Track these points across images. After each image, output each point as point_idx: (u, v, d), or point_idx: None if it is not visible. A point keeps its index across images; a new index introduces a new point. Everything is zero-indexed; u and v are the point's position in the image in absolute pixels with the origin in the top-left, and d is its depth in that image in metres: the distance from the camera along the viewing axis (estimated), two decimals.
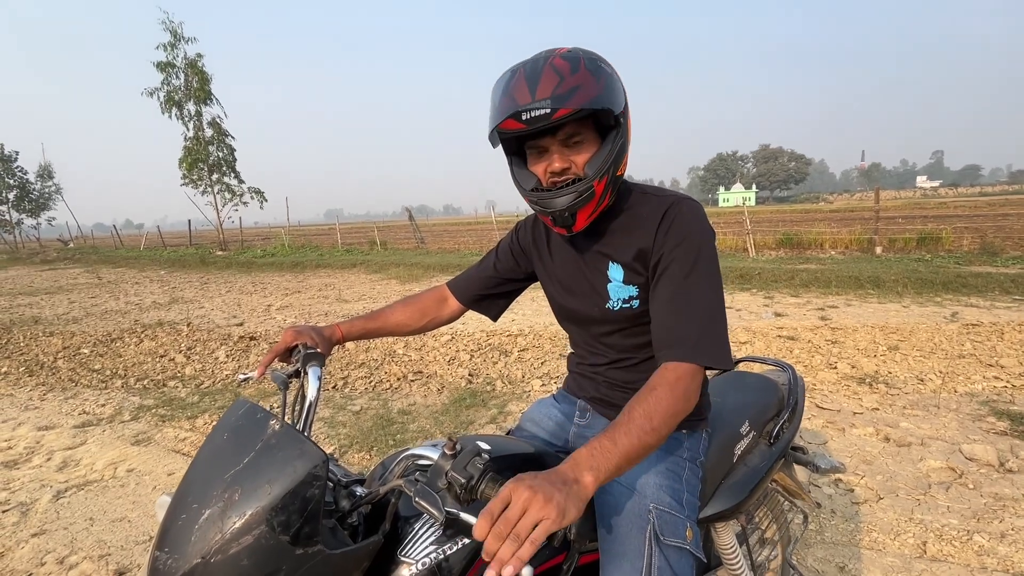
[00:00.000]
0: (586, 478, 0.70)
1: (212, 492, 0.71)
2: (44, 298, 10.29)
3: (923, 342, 4.63)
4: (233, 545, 0.67)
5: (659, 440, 0.79)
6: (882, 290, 7.07)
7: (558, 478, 0.68)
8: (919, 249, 10.76)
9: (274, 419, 0.78)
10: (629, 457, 0.75)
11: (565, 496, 0.65)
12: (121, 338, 6.20)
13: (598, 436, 0.76)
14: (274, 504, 0.69)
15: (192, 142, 21.48)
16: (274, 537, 0.67)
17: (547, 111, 0.87)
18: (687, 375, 0.87)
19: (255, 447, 0.75)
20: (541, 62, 0.91)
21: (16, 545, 2.31)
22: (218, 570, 0.66)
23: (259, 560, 0.67)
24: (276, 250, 18.53)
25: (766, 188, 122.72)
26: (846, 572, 1.93)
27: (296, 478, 0.71)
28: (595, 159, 0.96)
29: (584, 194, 0.95)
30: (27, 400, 4.26)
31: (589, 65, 0.90)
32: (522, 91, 0.89)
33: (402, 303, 1.32)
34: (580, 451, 0.73)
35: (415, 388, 4.10)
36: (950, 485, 2.46)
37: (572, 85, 0.88)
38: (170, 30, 20.44)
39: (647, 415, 0.79)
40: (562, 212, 0.97)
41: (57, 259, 21.67)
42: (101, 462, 3.08)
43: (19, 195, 36.62)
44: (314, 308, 7.89)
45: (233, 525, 0.68)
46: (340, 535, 0.76)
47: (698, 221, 0.98)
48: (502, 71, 0.96)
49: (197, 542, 0.67)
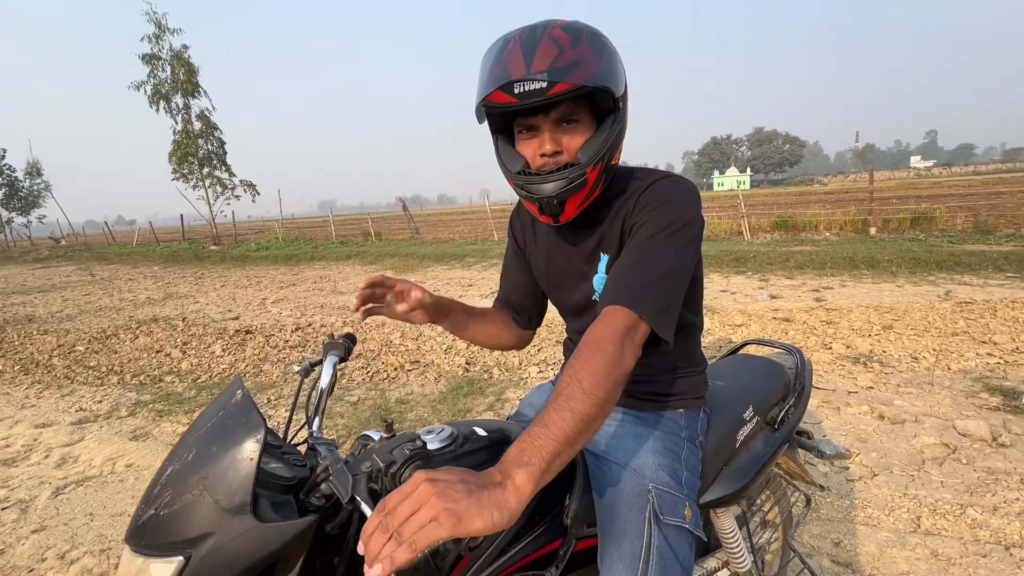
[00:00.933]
0: (518, 477, 0.61)
1: (179, 452, 0.76)
2: (37, 296, 10.22)
3: (917, 321, 4.66)
4: (177, 501, 0.70)
5: (599, 406, 0.68)
6: (876, 270, 7.09)
7: (478, 480, 0.60)
8: (913, 229, 10.79)
9: (240, 390, 0.81)
10: (568, 438, 0.65)
11: (473, 501, 0.56)
12: (116, 335, 6.17)
13: (530, 424, 0.67)
14: (213, 467, 0.71)
15: (181, 136, 21.22)
16: (209, 499, 0.69)
17: (543, 85, 0.79)
18: (620, 326, 0.77)
19: (218, 415, 0.78)
20: (539, 31, 0.82)
21: (16, 542, 2.31)
22: (163, 523, 0.69)
23: (194, 519, 0.69)
24: (270, 243, 18.42)
25: (761, 171, 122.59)
26: (841, 547, 1.96)
27: (233, 444, 0.72)
28: (590, 144, 0.88)
29: (575, 181, 0.88)
30: (23, 398, 4.25)
31: (592, 39, 0.83)
32: (516, 61, 0.81)
33: (493, 314, 1.24)
34: (511, 448, 0.65)
35: (412, 377, 4.10)
36: (944, 460, 2.49)
37: (572, 59, 0.80)
38: (154, 21, 20.08)
39: (575, 380, 0.69)
40: (550, 199, 0.90)
41: (49, 257, 21.48)
42: (99, 458, 3.07)
43: (8, 193, 36.21)
44: (309, 300, 7.86)
45: (181, 483, 0.71)
46: (286, 511, 0.73)
47: (682, 195, 0.91)
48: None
49: (157, 495, 0.72)
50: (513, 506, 0.59)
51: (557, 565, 0.95)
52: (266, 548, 0.68)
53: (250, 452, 0.71)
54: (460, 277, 9.34)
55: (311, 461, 0.86)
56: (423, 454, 0.72)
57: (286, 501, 0.75)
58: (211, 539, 0.67)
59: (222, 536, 0.67)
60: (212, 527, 0.68)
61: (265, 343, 5.31)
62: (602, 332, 0.77)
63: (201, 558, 0.67)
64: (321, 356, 1.07)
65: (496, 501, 0.58)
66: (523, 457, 0.63)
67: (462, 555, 0.81)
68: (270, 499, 0.73)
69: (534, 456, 0.63)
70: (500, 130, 0.97)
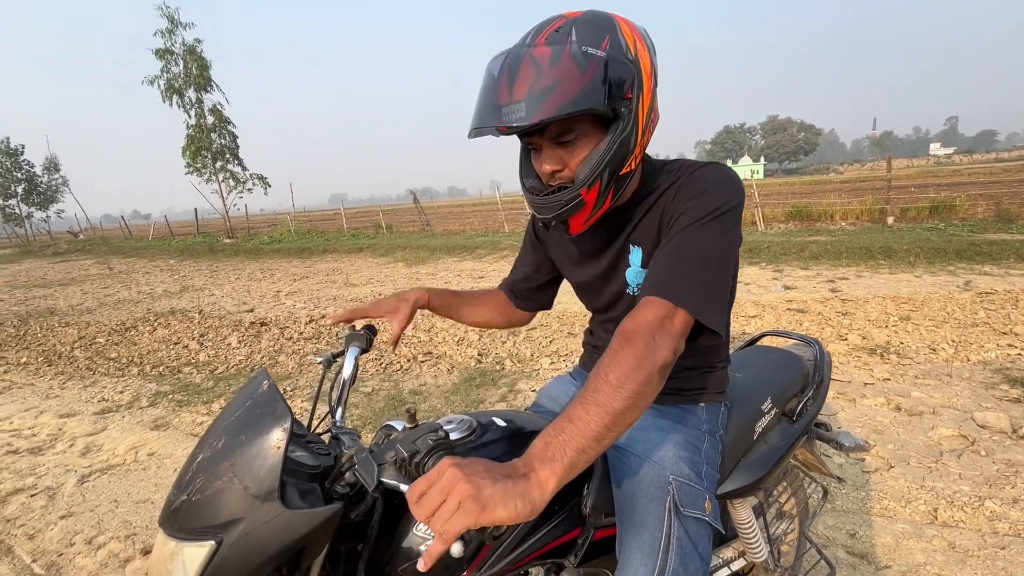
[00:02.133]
0: (541, 472, 0.61)
1: (209, 440, 0.79)
2: (58, 290, 10.44)
3: (935, 311, 4.58)
4: (208, 488, 0.72)
5: (630, 400, 0.66)
6: (894, 260, 6.97)
7: (504, 470, 0.60)
8: (932, 218, 10.59)
9: (267, 381, 0.83)
10: (595, 433, 0.63)
11: (498, 490, 0.57)
12: (135, 327, 6.29)
13: (556, 418, 0.66)
14: (242, 455, 0.73)
15: (194, 130, 21.43)
16: (239, 486, 0.71)
17: (522, 114, 0.76)
18: (653, 316, 0.74)
19: (245, 404, 0.81)
20: (523, 51, 0.78)
21: (46, 527, 2.38)
22: (195, 508, 0.72)
23: (225, 505, 0.71)
24: (283, 236, 18.59)
25: (775, 160, 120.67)
26: (856, 539, 1.95)
27: (262, 433, 0.74)
28: (585, 163, 0.83)
29: (569, 204, 0.85)
30: (47, 389, 4.36)
31: (574, 51, 0.76)
32: (502, 87, 0.78)
33: (488, 299, 1.31)
34: (536, 441, 0.64)
35: (425, 369, 4.13)
36: (962, 452, 2.46)
37: (547, 84, 0.75)
38: (167, 16, 20.21)
39: (602, 374, 0.68)
40: (549, 220, 0.89)
41: (68, 251, 21.90)
42: (122, 447, 3.15)
43: (27, 188, 36.86)
44: (322, 293, 7.94)
45: (212, 470, 0.74)
46: (312, 499, 0.75)
47: (722, 180, 0.87)
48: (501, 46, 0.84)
49: (189, 481, 0.75)
50: (536, 499, 0.59)
51: (576, 554, 0.96)
52: (294, 534, 0.70)
53: (277, 441, 0.73)
54: (471, 269, 9.37)
55: (335, 450, 0.87)
56: (446, 444, 0.73)
57: (312, 489, 0.77)
58: (241, 524, 0.70)
59: (251, 522, 0.70)
60: (242, 513, 0.70)
61: (280, 335, 5.38)
62: (632, 324, 0.75)
63: (232, 542, 0.69)
64: (343, 348, 1.09)
65: (520, 492, 0.58)
66: (547, 452, 0.62)
67: (484, 543, 0.82)
68: (297, 487, 0.75)
69: (557, 451, 0.62)
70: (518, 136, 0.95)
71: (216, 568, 0.69)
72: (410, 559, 0.81)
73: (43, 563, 2.14)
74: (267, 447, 0.73)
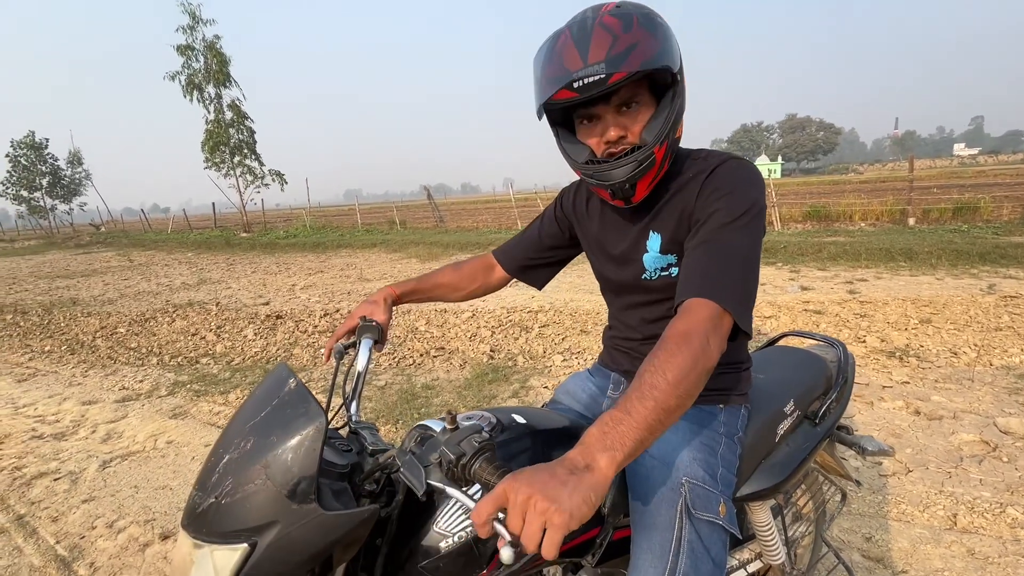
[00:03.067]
0: (600, 461, 0.61)
1: (234, 440, 0.76)
2: (80, 280, 10.69)
3: (957, 315, 4.49)
4: (240, 490, 0.71)
5: (682, 398, 0.68)
6: (915, 262, 6.84)
7: (564, 468, 0.60)
8: (955, 219, 10.34)
9: (293, 379, 0.81)
10: (650, 426, 0.65)
11: (572, 491, 0.57)
12: (154, 318, 6.42)
13: (610, 410, 0.67)
14: (276, 457, 0.71)
15: (213, 125, 21.73)
16: (273, 488, 0.70)
17: (602, 76, 0.80)
18: (705, 318, 0.77)
19: (272, 403, 0.79)
20: (590, 21, 0.83)
21: (69, 510, 2.45)
22: (225, 511, 0.70)
23: (258, 507, 0.70)
24: (298, 231, 18.79)
25: (793, 160, 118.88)
26: (873, 543, 1.92)
27: (295, 434, 0.73)
28: (653, 124, 0.89)
29: (644, 163, 0.89)
30: (71, 376, 4.47)
31: (643, 20, 0.82)
32: (572, 56, 0.81)
33: (451, 267, 1.36)
34: (591, 430, 0.65)
35: (438, 364, 4.16)
36: (983, 458, 2.41)
37: (628, 44, 0.80)
38: (188, 12, 20.51)
39: (660, 371, 0.69)
40: (622, 184, 0.91)
41: (90, 243, 22.39)
42: (142, 434, 3.22)
43: (51, 182, 37.74)
44: (337, 287, 8.01)
45: (242, 471, 0.72)
46: (345, 499, 0.75)
47: (751, 179, 0.91)
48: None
49: (216, 483, 0.72)
50: (601, 488, 0.60)
51: (594, 553, 0.95)
52: (330, 536, 0.69)
53: (313, 442, 0.71)
54: None
55: (355, 445, 0.87)
56: (490, 446, 0.72)
57: (343, 488, 0.76)
58: (276, 527, 0.68)
59: (287, 524, 0.68)
60: (277, 516, 0.69)
61: (295, 328, 5.45)
62: (687, 326, 0.76)
63: (267, 545, 0.68)
64: (356, 340, 1.08)
65: (590, 484, 0.59)
66: (606, 440, 0.63)
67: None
68: (330, 487, 0.74)
69: (616, 441, 0.63)
70: (558, 122, 0.98)
71: (250, 571, 0.68)
72: (430, 556, 0.80)
73: (66, 545, 2.20)
74: (302, 449, 0.71)
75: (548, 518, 0.55)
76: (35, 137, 36.66)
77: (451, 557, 0.80)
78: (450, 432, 0.75)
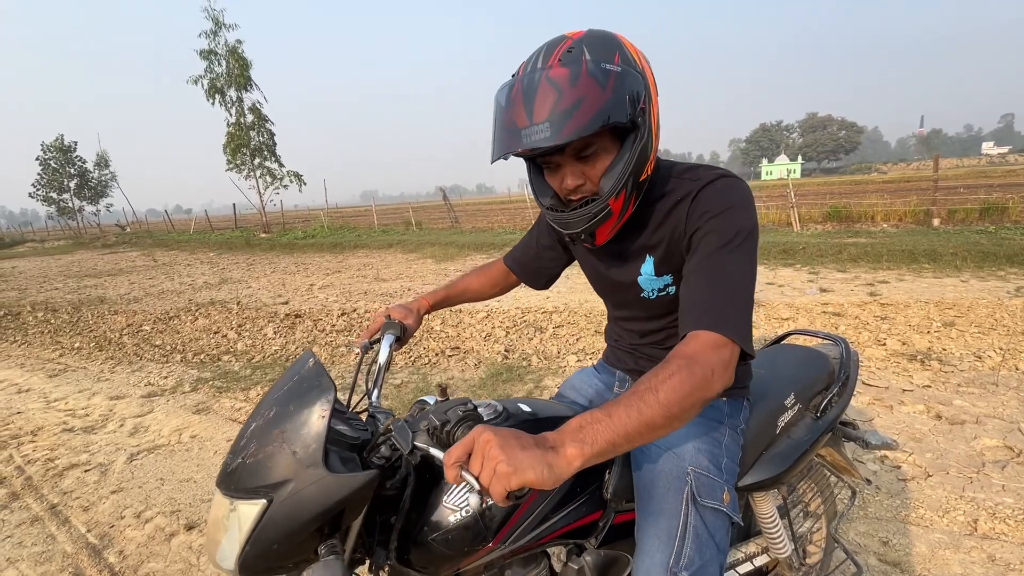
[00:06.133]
0: (569, 450, 0.65)
1: (262, 411, 0.87)
2: (107, 279, 11.01)
3: (982, 318, 4.38)
4: (261, 452, 0.80)
5: (671, 419, 0.70)
6: (938, 264, 6.68)
7: (532, 440, 0.65)
8: (982, 220, 10.07)
9: (312, 359, 0.91)
10: (628, 434, 0.67)
11: (527, 456, 0.62)
12: (178, 316, 6.59)
13: (598, 407, 0.70)
14: (291, 423, 0.81)
15: (234, 128, 22.16)
16: (288, 450, 0.78)
17: (547, 135, 0.78)
18: (710, 346, 0.78)
19: (293, 379, 0.89)
20: (538, 74, 0.80)
21: (99, 500, 2.54)
22: (249, 470, 0.80)
23: (275, 467, 0.78)
24: (316, 232, 19.07)
25: (813, 159, 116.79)
26: (890, 547, 1.90)
27: (308, 403, 0.82)
28: (610, 173, 0.86)
29: (599, 215, 0.89)
30: (99, 372, 4.62)
31: (592, 69, 0.79)
32: (520, 112, 0.80)
33: (475, 274, 1.45)
34: (572, 421, 0.69)
35: (452, 363, 4.20)
36: (1006, 464, 2.37)
37: (572, 101, 0.77)
38: (212, 18, 20.96)
39: (653, 388, 0.71)
40: (578, 234, 0.93)
41: (116, 243, 23.02)
42: (167, 429, 3.32)
43: (79, 183, 38.84)
44: (354, 287, 8.13)
45: (264, 436, 0.82)
46: (352, 466, 0.82)
47: (741, 199, 0.89)
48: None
49: (243, 447, 0.83)
50: (561, 471, 0.64)
51: (596, 536, 0.99)
52: (334, 496, 0.76)
53: (322, 410, 0.80)
54: None
55: (372, 427, 0.94)
56: (474, 416, 0.79)
57: (352, 458, 0.84)
58: (289, 485, 0.77)
59: (298, 483, 0.76)
60: (290, 475, 0.77)
61: (313, 327, 5.55)
62: (694, 352, 0.77)
63: (281, 501, 0.76)
64: (379, 336, 1.18)
65: (548, 461, 0.63)
66: (580, 434, 0.66)
67: (509, 516, 0.87)
68: (339, 454, 0.82)
69: (589, 437, 0.66)
70: (530, 158, 0.97)
71: (266, 523, 0.76)
72: (439, 529, 0.87)
73: (96, 533, 2.29)
74: (313, 416, 0.80)
75: (496, 466, 0.62)
76: (64, 140, 37.78)
77: (459, 530, 0.86)
78: (440, 403, 0.84)
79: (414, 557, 0.89)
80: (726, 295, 0.83)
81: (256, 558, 0.77)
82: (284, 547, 0.77)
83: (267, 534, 0.76)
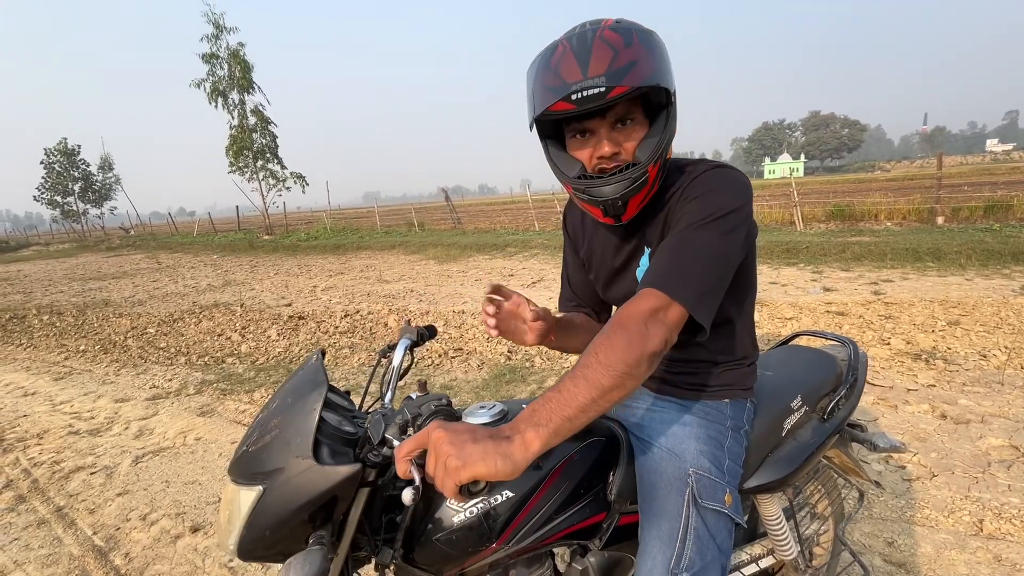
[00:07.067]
0: (526, 434, 0.66)
1: (269, 403, 0.94)
2: (111, 282, 11.06)
3: (987, 317, 4.36)
4: (261, 441, 0.85)
5: (619, 379, 0.69)
6: (943, 262, 6.66)
7: (487, 433, 0.66)
8: (986, 218, 10.02)
9: (316, 356, 0.96)
10: (581, 404, 0.68)
11: (478, 449, 0.63)
12: (182, 318, 6.61)
13: (545, 392, 0.72)
14: (287, 415, 0.86)
15: (237, 130, 22.24)
16: (282, 441, 0.83)
17: (602, 89, 0.79)
18: (647, 307, 0.77)
19: (297, 376, 0.95)
20: (590, 35, 0.82)
21: (105, 503, 2.56)
22: (251, 458, 0.85)
23: (271, 456, 0.83)
24: (319, 233, 19.11)
25: (816, 158, 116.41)
26: (895, 547, 1.90)
27: (303, 397, 0.86)
28: (647, 143, 0.89)
29: (638, 181, 0.88)
30: (104, 375, 4.65)
31: (642, 38, 0.83)
32: (571, 68, 0.81)
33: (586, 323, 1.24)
34: (525, 409, 0.70)
35: (456, 364, 4.21)
36: (1012, 464, 2.36)
37: (628, 60, 0.80)
38: (212, 22, 21.04)
39: (593, 352, 0.72)
40: (614, 201, 0.90)
41: (120, 246, 23.11)
42: (172, 431, 3.34)
43: (83, 187, 39.04)
44: (357, 288, 8.14)
45: (265, 426, 0.87)
46: (342, 460, 0.83)
47: (727, 183, 0.89)
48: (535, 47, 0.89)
49: (248, 436, 0.89)
50: (518, 458, 0.65)
51: (600, 537, 1.00)
52: (320, 486, 0.79)
53: (313, 403, 0.84)
54: (501, 267, 9.43)
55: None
56: (446, 410, 0.83)
57: (344, 452, 0.86)
58: (282, 473, 0.80)
59: (289, 472, 0.80)
60: (283, 464, 0.81)
61: (316, 328, 5.57)
62: (627, 311, 0.78)
63: (274, 488, 0.80)
64: (398, 339, 1.19)
65: (502, 452, 0.64)
66: (534, 417, 0.68)
67: (513, 516, 0.88)
68: (331, 448, 0.84)
69: (544, 417, 0.68)
70: (549, 135, 0.96)
71: (260, 509, 0.80)
72: (445, 529, 0.88)
73: (102, 536, 2.30)
74: (306, 409, 0.84)
75: (446, 461, 0.64)
76: (67, 144, 37.97)
77: (464, 530, 0.87)
78: (419, 397, 0.88)
79: (419, 556, 0.90)
80: (683, 261, 0.83)
81: (251, 543, 0.81)
82: (275, 534, 0.80)
83: (261, 520, 0.80)
